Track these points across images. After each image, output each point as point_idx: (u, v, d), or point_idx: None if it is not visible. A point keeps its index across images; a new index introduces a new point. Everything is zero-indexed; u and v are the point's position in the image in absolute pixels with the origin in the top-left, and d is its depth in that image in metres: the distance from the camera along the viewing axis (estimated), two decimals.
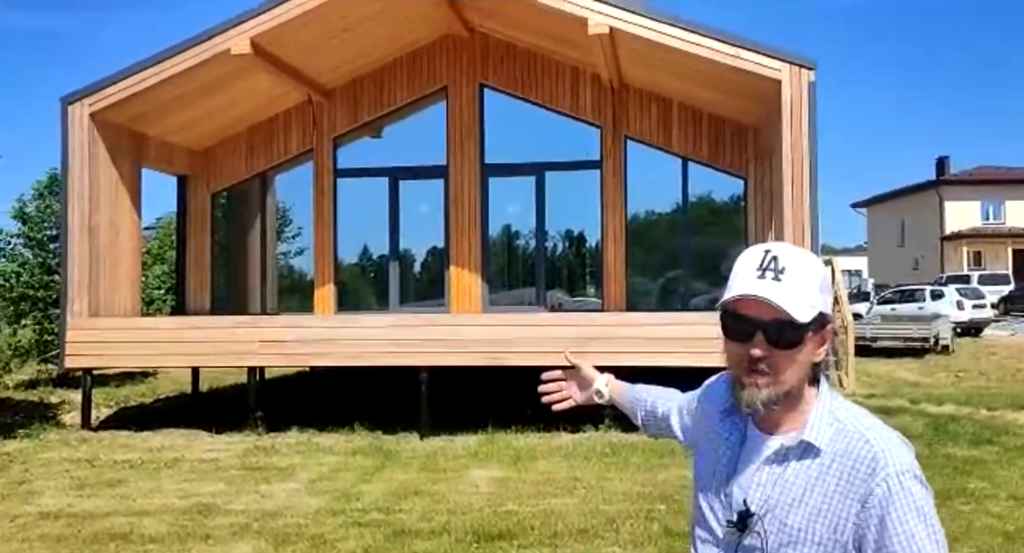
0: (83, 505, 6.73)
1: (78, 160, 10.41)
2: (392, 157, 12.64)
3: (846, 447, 1.36)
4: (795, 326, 1.36)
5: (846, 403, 1.45)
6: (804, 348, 1.39)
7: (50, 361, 15.47)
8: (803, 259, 1.40)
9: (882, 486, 1.31)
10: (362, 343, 9.64)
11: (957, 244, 38.21)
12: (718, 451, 1.52)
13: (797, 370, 1.39)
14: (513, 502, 6.56)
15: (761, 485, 1.42)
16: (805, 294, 1.37)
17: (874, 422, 1.41)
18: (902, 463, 1.33)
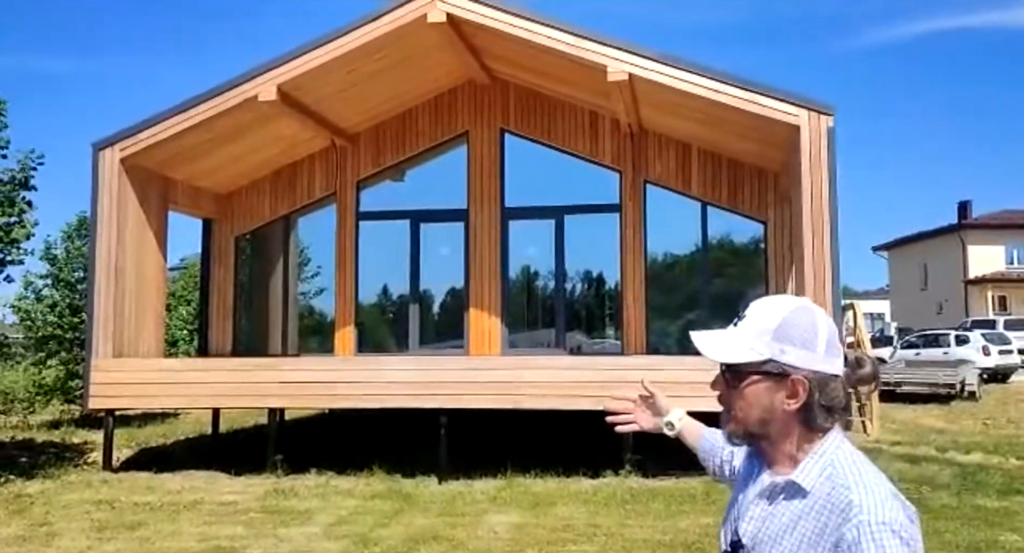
0: (103, 548, 6.74)
1: (107, 203, 10.63)
2: (414, 200, 12.80)
3: (829, 492, 1.41)
4: (733, 367, 1.49)
5: (853, 455, 1.46)
6: (753, 389, 1.48)
7: (73, 401, 15.62)
8: (764, 309, 1.51)
9: (852, 532, 1.34)
10: (382, 386, 9.66)
11: (982, 288, 37.76)
12: (738, 486, 1.64)
13: (749, 410, 1.49)
14: (532, 549, 6.49)
15: (753, 519, 1.51)
16: (745, 339, 1.49)
17: (870, 475, 1.42)
18: (880, 515, 1.34)
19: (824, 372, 1.46)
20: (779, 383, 1.46)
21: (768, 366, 1.46)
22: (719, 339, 1.52)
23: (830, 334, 1.48)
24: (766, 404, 1.47)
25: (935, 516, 7.18)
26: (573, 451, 9.72)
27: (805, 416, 1.47)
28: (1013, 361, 22.49)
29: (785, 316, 1.48)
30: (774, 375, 1.46)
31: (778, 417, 1.48)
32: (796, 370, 1.45)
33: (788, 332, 1.46)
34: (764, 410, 1.48)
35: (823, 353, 1.46)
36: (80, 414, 15.43)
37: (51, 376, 15.91)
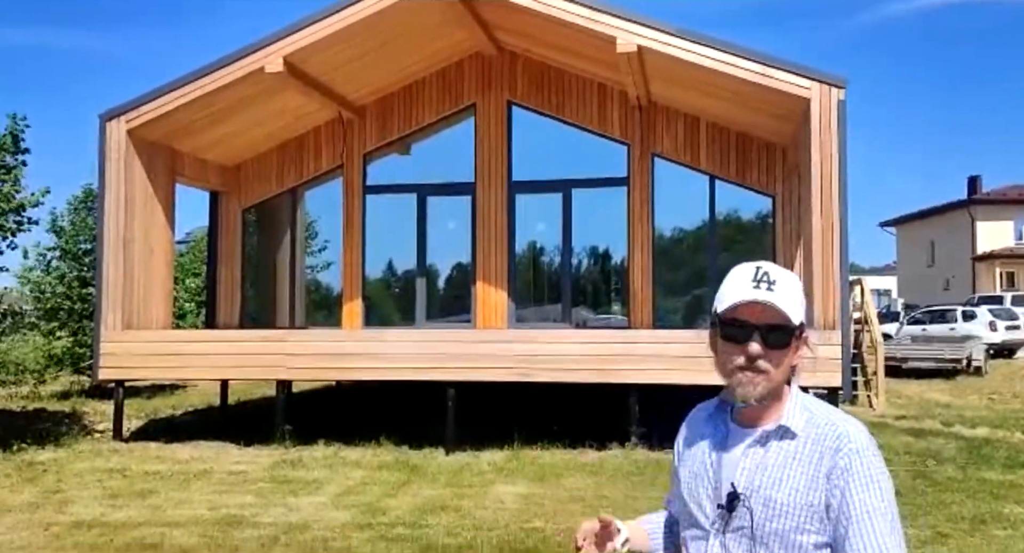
0: (115, 515, 6.83)
1: (114, 175, 10.63)
2: (420, 174, 12.77)
3: (816, 430, 1.57)
4: (787, 329, 1.59)
5: (813, 399, 1.66)
6: (791, 348, 1.60)
7: (83, 372, 15.74)
8: (788, 275, 1.63)
9: (844, 460, 1.52)
10: (390, 358, 9.70)
11: (990, 264, 37.59)
12: (703, 454, 1.70)
13: (784, 370, 1.61)
14: (539, 519, 6.55)
15: (746, 469, 1.60)
16: (794, 302, 1.59)
17: (839, 412, 1.63)
18: (863, 442, 1.55)
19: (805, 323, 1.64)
20: (799, 340, 1.61)
21: (800, 325, 1.61)
22: (781, 301, 1.57)
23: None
24: (787, 363, 1.61)
25: (941, 488, 7.22)
26: (579, 424, 9.77)
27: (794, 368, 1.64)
28: (1020, 336, 22.47)
29: (795, 281, 1.62)
30: (800, 333, 1.61)
31: (788, 373, 1.63)
32: (803, 326, 1.62)
33: (800, 295, 1.62)
34: (789, 366, 1.62)
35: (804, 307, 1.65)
36: (89, 385, 15.56)
37: (60, 347, 16.02)
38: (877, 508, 1.50)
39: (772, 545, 1.55)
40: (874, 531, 1.49)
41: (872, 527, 1.49)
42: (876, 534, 1.49)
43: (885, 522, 1.50)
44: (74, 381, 16.17)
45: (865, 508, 1.49)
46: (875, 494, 1.51)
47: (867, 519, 1.49)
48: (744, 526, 1.58)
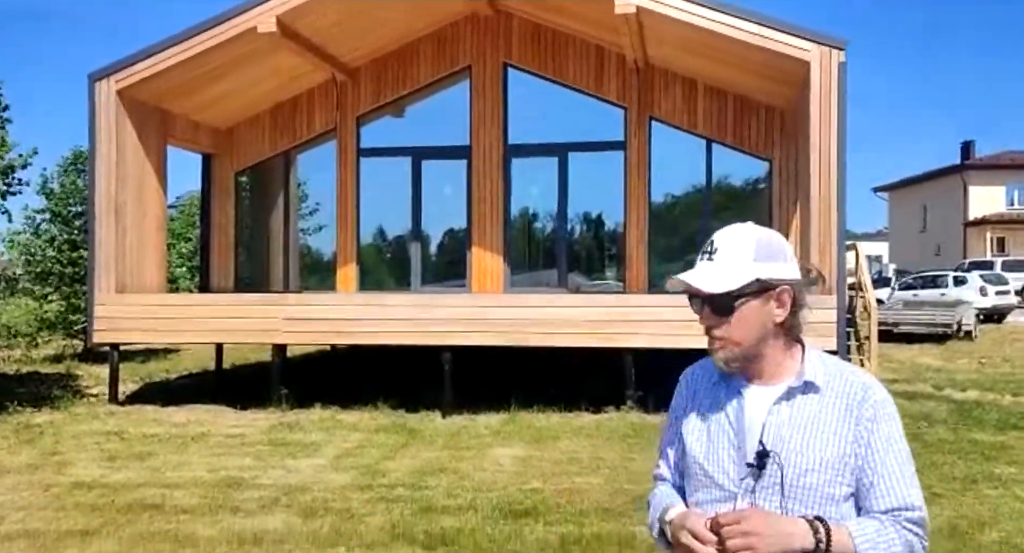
0: (115, 476, 6.85)
1: (105, 137, 10.48)
2: (415, 137, 12.64)
3: (839, 383, 1.63)
4: (724, 296, 1.61)
5: (825, 354, 1.71)
6: (744, 312, 1.62)
7: (75, 336, 15.70)
8: (735, 237, 1.65)
9: (870, 410, 1.60)
10: (387, 322, 9.69)
11: (981, 230, 37.75)
12: (718, 416, 1.70)
13: (747, 330, 1.63)
14: (537, 480, 6.61)
15: (773, 425, 1.61)
16: (731, 267, 1.62)
17: (848, 364, 1.70)
18: (883, 393, 1.65)
19: (797, 280, 1.65)
20: (767, 298, 1.62)
21: (754, 286, 1.61)
22: (705, 274, 1.63)
23: (790, 246, 1.69)
24: (760, 321, 1.63)
25: (933, 450, 7.31)
26: (575, 388, 9.83)
27: (789, 325, 1.66)
28: (1010, 301, 22.65)
29: (757, 238, 1.65)
30: (761, 292, 1.62)
31: (770, 331, 1.64)
32: (780, 282, 1.63)
33: (765, 251, 1.63)
34: (759, 328, 1.63)
35: (792, 263, 1.66)
36: (82, 349, 15.54)
37: (52, 311, 15.96)
38: (898, 444, 1.60)
39: (805, 499, 1.57)
40: (896, 461, 1.58)
41: (893, 458, 1.58)
42: (896, 464, 1.58)
43: (903, 456, 1.60)
44: (66, 345, 16.14)
45: (887, 445, 1.58)
46: (896, 433, 1.61)
47: (889, 452, 1.58)
48: (775, 483, 1.59)
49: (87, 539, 5.27)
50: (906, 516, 1.55)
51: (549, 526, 5.42)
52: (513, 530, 5.33)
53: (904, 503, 1.56)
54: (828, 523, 1.52)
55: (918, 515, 1.56)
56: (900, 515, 1.55)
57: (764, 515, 1.54)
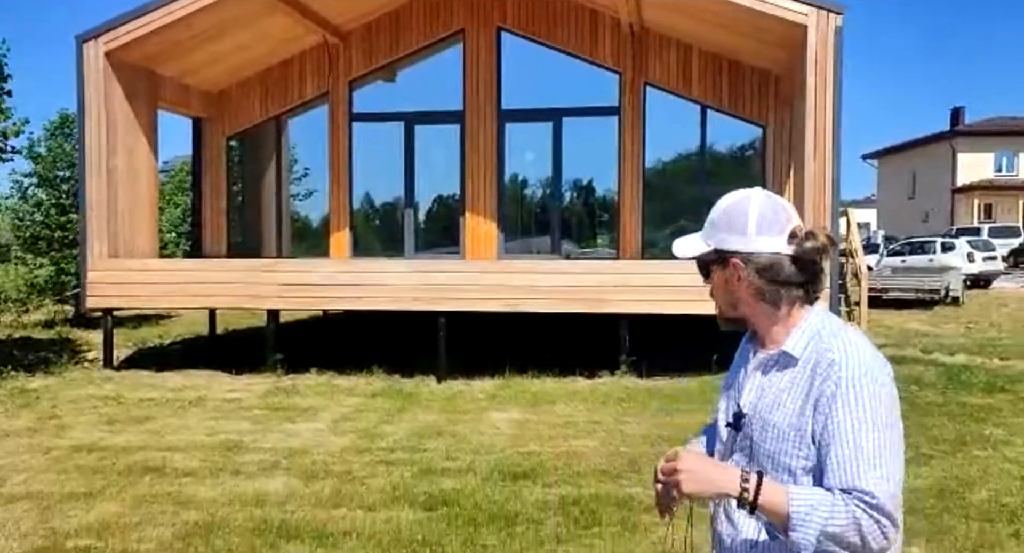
0: (114, 440, 6.89)
1: (94, 100, 10.34)
2: (408, 102, 12.53)
3: (815, 356, 1.57)
4: (698, 261, 1.72)
5: (837, 324, 1.63)
6: (714, 278, 1.70)
7: (66, 301, 15.65)
8: (718, 205, 1.70)
9: (831, 387, 1.52)
10: (382, 288, 9.71)
11: (968, 196, 37.94)
12: (736, 374, 1.78)
13: (719, 296, 1.71)
14: (534, 443, 6.69)
15: (751, 390, 1.66)
16: (700, 235, 1.71)
17: (852, 338, 1.59)
18: (857, 371, 1.52)
19: (760, 251, 1.62)
20: (724, 268, 1.66)
21: (713, 255, 1.67)
22: (683, 241, 1.75)
23: (762, 215, 1.62)
24: (725, 288, 1.68)
25: (923, 412, 7.43)
26: (569, 353, 9.90)
27: (762, 294, 1.64)
28: (996, 267, 22.87)
29: (724, 207, 1.67)
30: (720, 261, 1.66)
31: (741, 298, 1.67)
32: (733, 254, 1.64)
33: (723, 221, 1.66)
34: (726, 294, 1.69)
35: (754, 233, 1.62)
36: (74, 314, 15.50)
37: (43, 276, 15.87)
38: (860, 423, 1.47)
39: (765, 465, 1.59)
40: (851, 442, 1.47)
41: (848, 438, 1.47)
42: (851, 445, 1.47)
43: (863, 436, 1.47)
44: (57, 310, 16.08)
45: (844, 423, 1.48)
46: (859, 413, 1.48)
47: (845, 431, 1.47)
48: (746, 445, 1.65)
49: (90, 500, 5.32)
50: (860, 498, 1.44)
51: (548, 488, 5.50)
52: (512, 491, 5.41)
53: (854, 485, 1.45)
54: (763, 478, 1.50)
55: (872, 501, 1.44)
56: (854, 495, 1.45)
57: (697, 457, 1.59)
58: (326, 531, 4.72)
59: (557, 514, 4.97)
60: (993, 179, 38.49)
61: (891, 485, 1.46)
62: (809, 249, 1.60)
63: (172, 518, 4.97)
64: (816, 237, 1.61)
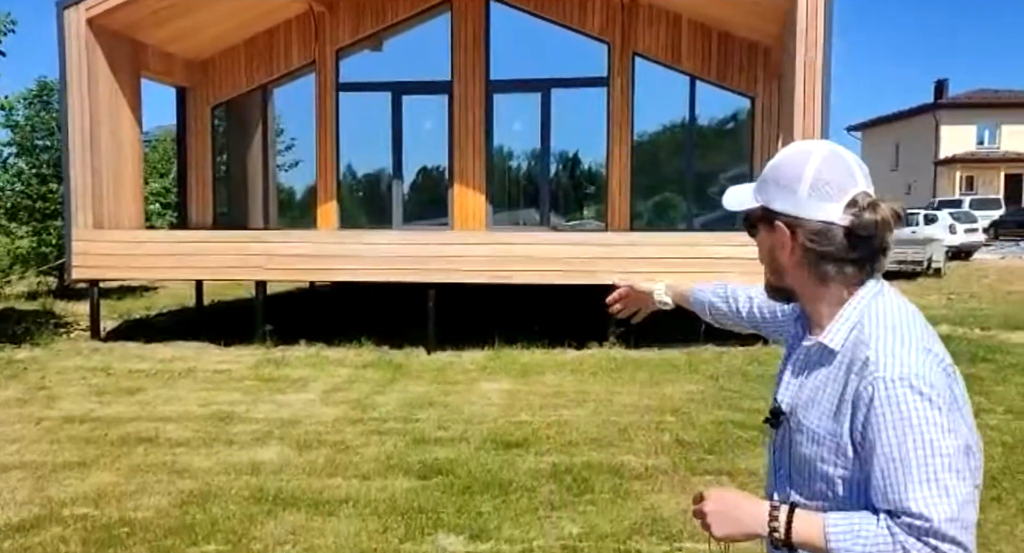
0: (105, 411, 6.89)
1: (76, 68, 10.18)
2: (395, 71, 12.41)
3: (852, 349, 1.36)
4: (747, 218, 1.50)
5: (887, 310, 1.38)
6: (760, 239, 1.48)
7: (49, 272, 15.50)
8: (777, 155, 1.48)
9: (868, 390, 1.30)
10: (371, 260, 9.69)
11: (951, 168, 38.22)
12: (785, 353, 1.59)
13: (763, 261, 1.49)
14: (525, 413, 6.75)
15: (789, 385, 1.48)
16: (751, 186, 1.49)
17: (899, 329, 1.34)
18: (895, 369, 1.28)
19: (810, 218, 1.38)
20: (770, 231, 1.44)
21: (761, 211, 1.45)
22: (736, 190, 1.54)
23: (817, 177, 1.38)
24: (769, 254, 1.47)
25: None
26: (558, 325, 9.95)
27: (810, 267, 1.41)
28: (977, 239, 23.14)
29: (779, 161, 1.45)
30: (767, 222, 1.44)
31: (785, 267, 1.45)
32: (779, 216, 1.42)
33: (775, 176, 1.43)
34: (770, 260, 1.48)
35: (806, 196, 1.38)
36: (57, 285, 15.37)
37: (25, 247, 15.70)
38: (903, 434, 1.25)
39: (803, 470, 1.43)
40: (892, 455, 1.26)
41: (890, 450, 1.26)
42: (892, 458, 1.26)
43: (907, 449, 1.25)
44: (40, 281, 15.94)
45: (885, 433, 1.27)
46: (901, 422, 1.26)
47: (884, 443, 1.27)
48: (786, 445, 1.48)
49: (84, 470, 5.33)
50: (908, 522, 1.24)
51: (540, 456, 5.57)
52: (505, 460, 5.48)
53: (898, 506, 1.25)
54: (796, 511, 1.34)
55: (924, 525, 1.23)
56: (899, 518, 1.25)
57: (723, 496, 1.41)
58: (322, 499, 4.77)
59: (550, 482, 5.05)
60: (975, 151, 38.77)
61: (950, 504, 1.23)
62: (867, 222, 1.36)
63: (168, 487, 5.01)
64: (878, 209, 1.37)
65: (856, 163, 1.42)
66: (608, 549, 4.07)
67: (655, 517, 4.46)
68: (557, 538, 4.19)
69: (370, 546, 4.11)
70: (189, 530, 4.32)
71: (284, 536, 4.25)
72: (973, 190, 36.82)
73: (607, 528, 4.31)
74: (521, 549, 4.06)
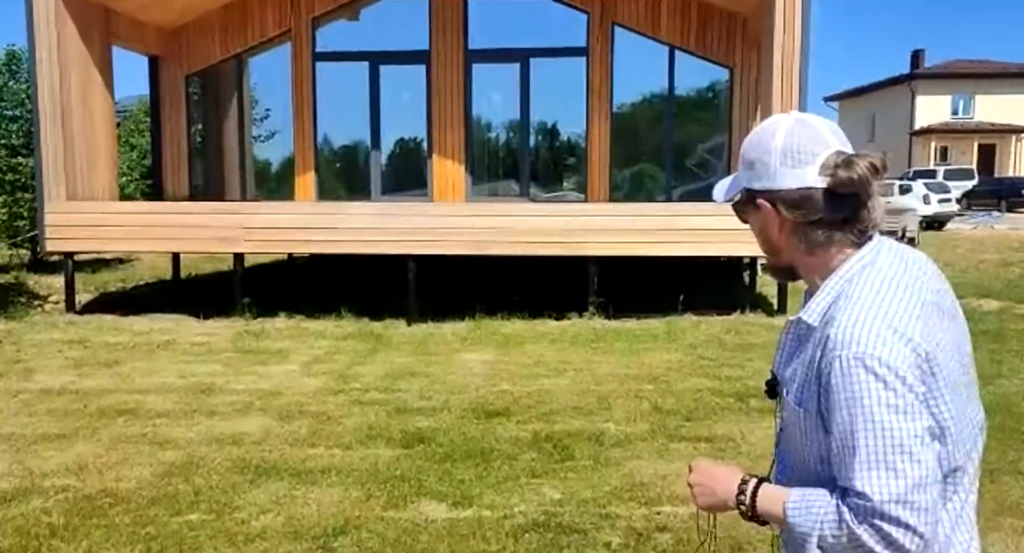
0: (84, 383, 6.85)
1: (44, 36, 9.95)
2: (372, 41, 12.26)
3: (823, 327, 1.34)
4: (736, 207, 1.51)
5: (865, 282, 1.34)
6: (751, 222, 1.48)
7: (22, 245, 15.28)
8: (748, 135, 1.47)
9: (827, 367, 1.29)
10: (350, 231, 9.65)
11: (926, 139, 38.51)
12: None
13: (759, 241, 1.49)
14: (507, 383, 6.80)
15: (781, 360, 1.48)
16: (733, 175, 1.51)
17: (866, 305, 1.31)
18: (853, 348, 1.26)
19: (788, 188, 1.38)
20: (755, 209, 1.44)
21: (743, 195, 1.46)
22: (724, 182, 1.54)
23: (786, 146, 1.37)
24: (761, 235, 1.47)
25: None
26: (538, 296, 9.99)
27: (800, 238, 1.40)
28: (951, 209, 23.41)
29: (749, 141, 1.45)
30: (751, 204, 1.45)
31: (780, 245, 1.44)
32: (759, 194, 1.42)
33: (748, 157, 1.44)
34: (764, 241, 1.47)
35: (778, 167, 1.38)
36: (30, 258, 15.16)
37: None
38: (856, 413, 1.25)
39: (789, 447, 1.45)
40: (843, 433, 1.27)
41: (841, 428, 1.27)
42: (842, 437, 1.27)
43: (856, 428, 1.25)
44: (13, 254, 15.71)
45: (839, 411, 1.27)
46: (855, 401, 1.25)
47: (839, 420, 1.27)
48: (777, 418, 1.48)
49: (65, 442, 5.32)
50: (854, 501, 1.25)
51: (521, 424, 5.63)
52: (487, 429, 5.53)
53: (845, 483, 1.27)
54: (762, 486, 1.38)
55: (865, 504, 1.23)
56: (848, 498, 1.26)
57: (707, 468, 1.46)
58: (305, 469, 4.80)
59: (531, 449, 5.10)
60: (949, 122, 39.07)
61: (897, 486, 1.22)
62: (843, 179, 1.34)
63: (150, 458, 5.01)
64: (853, 165, 1.34)
65: (826, 126, 1.42)
66: (588, 514, 4.14)
67: (634, 482, 4.53)
68: (538, 504, 4.25)
69: (353, 514, 4.15)
70: (172, 500, 4.34)
71: (267, 505, 4.28)
72: (947, 161, 37.16)
73: (587, 494, 4.38)
74: (502, 515, 4.12)
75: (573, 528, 3.98)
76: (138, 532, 3.96)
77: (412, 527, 4.00)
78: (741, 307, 9.56)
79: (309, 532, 3.95)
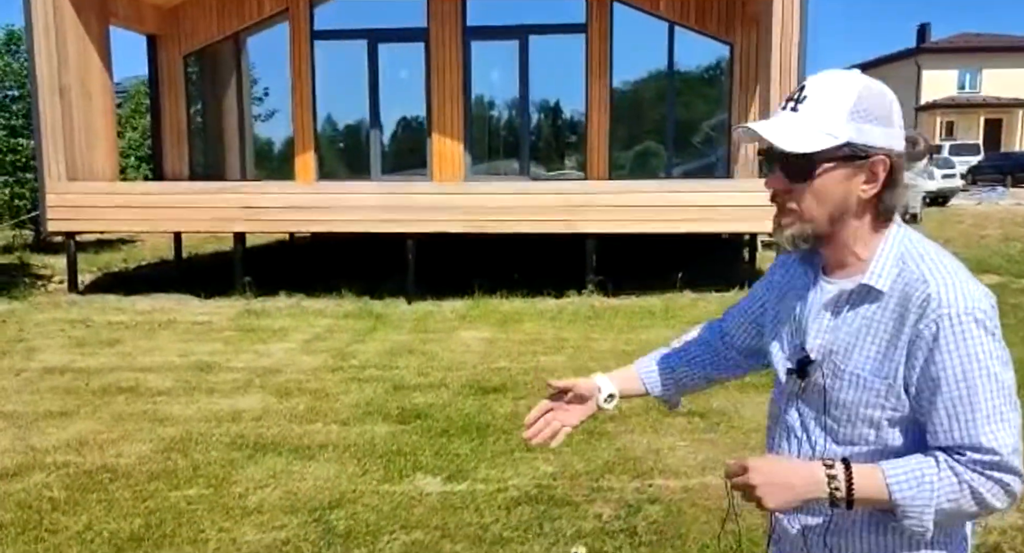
0: (85, 362, 6.92)
1: (42, 15, 9.93)
2: (370, 18, 12.18)
3: (903, 288, 1.29)
4: (803, 158, 1.30)
5: (921, 243, 1.34)
6: (825, 181, 1.31)
7: (24, 225, 15.35)
8: (834, 84, 1.32)
9: (931, 327, 1.25)
10: (350, 210, 9.67)
11: (931, 114, 38.24)
12: (792, 299, 1.48)
13: (825, 204, 1.33)
14: (504, 360, 6.85)
15: (820, 331, 1.38)
16: (819, 122, 1.30)
17: (945, 263, 1.30)
18: (960, 304, 1.24)
19: (900, 150, 1.32)
20: (857, 168, 1.31)
21: (844, 150, 1.29)
22: (784, 127, 1.32)
23: (897, 106, 1.34)
24: (841, 195, 1.32)
25: None
26: (537, 274, 10.01)
27: (880, 204, 1.34)
28: (955, 184, 23.29)
29: (859, 91, 1.31)
30: (852, 159, 1.30)
31: (851, 209, 1.33)
32: (876, 150, 1.30)
33: (866, 107, 1.30)
34: (838, 202, 1.33)
35: (899, 128, 1.33)
36: (33, 239, 15.24)
37: None
38: (972, 370, 1.24)
39: (842, 417, 1.36)
40: (960, 391, 1.24)
41: (958, 386, 1.24)
42: (960, 395, 1.24)
43: (976, 385, 1.23)
44: (15, 235, 15.78)
45: (951, 370, 1.24)
46: (970, 357, 1.24)
47: (951, 379, 1.24)
48: (818, 394, 1.39)
49: (66, 419, 5.39)
50: (972, 457, 1.23)
51: (517, 400, 5.68)
52: (483, 404, 5.58)
53: (966, 441, 1.24)
54: (852, 468, 1.28)
55: (993, 458, 1.22)
56: (964, 456, 1.24)
57: (773, 466, 1.32)
58: (302, 444, 4.86)
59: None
60: (955, 96, 38.77)
61: (1014, 435, 1.24)
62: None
63: (149, 434, 5.07)
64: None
65: None
66: (580, 487, 4.19)
67: (627, 456, 4.59)
68: (532, 478, 4.31)
69: (349, 488, 4.21)
70: (171, 475, 4.41)
71: (265, 479, 4.34)
72: (953, 136, 36.94)
73: (580, 467, 4.44)
74: (496, 488, 4.17)
75: (565, 501, 4.03)
76: (137, 506, 4.02)
77: (407, 500, 4.06)
78: (740, 284, 9.58)
79: (305, 506, 4.01)
